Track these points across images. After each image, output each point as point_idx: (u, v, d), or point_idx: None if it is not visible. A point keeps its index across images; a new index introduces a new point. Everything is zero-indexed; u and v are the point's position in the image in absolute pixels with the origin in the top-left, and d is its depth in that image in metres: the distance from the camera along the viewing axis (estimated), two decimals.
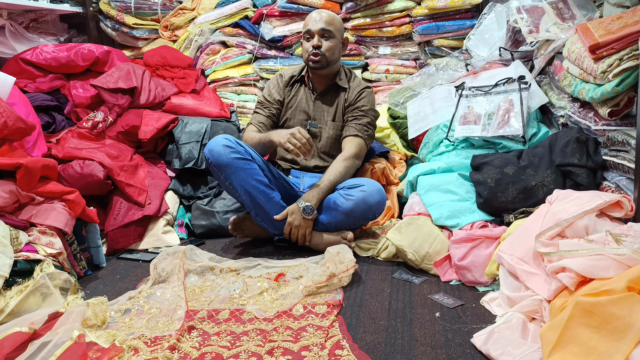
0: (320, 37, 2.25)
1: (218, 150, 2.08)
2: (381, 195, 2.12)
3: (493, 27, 2.73)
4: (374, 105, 2.39)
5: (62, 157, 2.31)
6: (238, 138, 2.35)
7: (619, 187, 1.71)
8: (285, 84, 2.42)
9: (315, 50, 2.24)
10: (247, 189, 2.09)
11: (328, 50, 2.25)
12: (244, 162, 2.09)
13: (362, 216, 2.11)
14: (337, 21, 2.30)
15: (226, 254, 2.09)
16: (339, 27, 2.30)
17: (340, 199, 2.10)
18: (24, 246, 1.76)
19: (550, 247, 1.45)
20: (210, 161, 2.11)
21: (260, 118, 2.37)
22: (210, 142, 2.12)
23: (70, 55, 2.66)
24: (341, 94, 2.37)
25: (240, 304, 1.71)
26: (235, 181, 2.10)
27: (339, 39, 2.29)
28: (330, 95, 2.38)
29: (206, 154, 2.12)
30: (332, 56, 2.28)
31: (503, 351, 1.30)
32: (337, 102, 2.37)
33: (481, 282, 1.76)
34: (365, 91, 2.36)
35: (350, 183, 2.14)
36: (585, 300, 1.17)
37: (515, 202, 1.86)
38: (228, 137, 2.12)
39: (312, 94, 2.38)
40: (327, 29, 2.24)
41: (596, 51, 1.73)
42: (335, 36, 2.27)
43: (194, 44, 3.28)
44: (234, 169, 2.08)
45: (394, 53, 3.18)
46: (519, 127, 2.06)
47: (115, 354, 1.40)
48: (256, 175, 2.10)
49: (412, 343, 1.43)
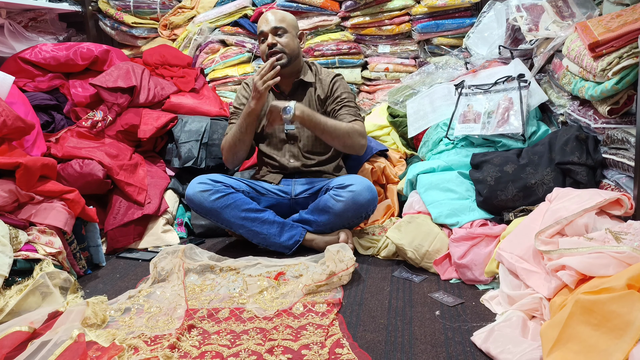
0: (274, 35, 2.20)
1: (197, 198, 2.10)
2: (371, 193, 2.08)
3: (492, 25, 2.73)
4: (349, 88, 2.33)
5: (61, 156, 2.31)
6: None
7: (618, 185, 1.71)
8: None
9: (272, 48, 2.18)
10: (239, 223, 2.10)
11: (285, 46, 2.19)
12: (226, 198, 2.09)
13: (354, 216, 2.10)
14: (289, 18, 2.26)
15: (226, 253, 2.09)
16: (291, 23, 2.25)
17: (330, 201, 2.07)
18: (23, 245, 1.76)
19: (550, 245, 1.45)
20: (194, 209, 2.15)
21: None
22: (188, 189, 2.13)
23: (69, 54, 2.66)
24: (310, 90, 2.30)
25: (240, 302, 1.71)
26: (225, 220, 2.11)
27: (294, 34, 2.24)
28: (299, 94, 2.30)
29: (188, 203, 2.15)
30: (291, 51, 2.21)
31: (503, 349, 1.30)
32: (309, 99, 2.29)
33: (481, 281, 1.76)
34: (338, 80, 2.30)
35: (339, 182, 2.10)
36: (585, 298, 1.17)
37: (515, 201, 1.86)
38: (202, 179, 2.12)
39: (281, 96, 2.30)
40: (278, 26, 2.19)
41: (596, 49, 1.73)
42: (289, 31, 2.22)
43: (193, 42, 3.28)
44: (219, 210, 2.09)
45: (394, 51, 3.18)
46: (519, 125, 2.06)
47: (115, 353, 1.40)
48: (243, 205, 2.10)
49: (412, 341, 1.43)
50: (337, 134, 2.12)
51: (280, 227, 2.12)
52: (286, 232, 2.11)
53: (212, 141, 2.63)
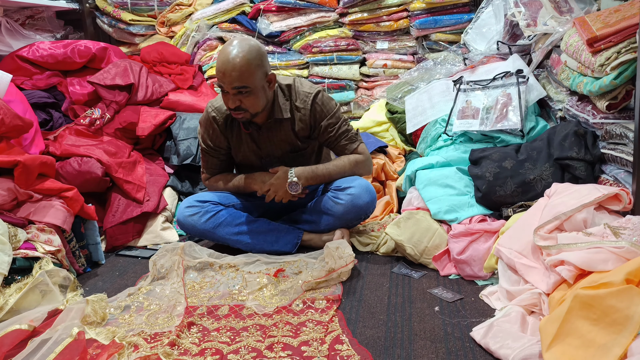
0: (235, 96, 1.88)
1: (189, 222, 2.09)
2: (370, 195, 2.05)
3: (491, 20, 2.72)
4: (333, 107, 2.06)
5: (59, 155, 2.30)
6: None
7: (617, 180, 1.71)
8: (223, 127, 2.08)
9: (235, 111, 1.92)
10: (234, 239, 2.09)
11: (250, 107, 1.91)
12: (216, 217, 2.08)
13: (354, 218, 2.09)
14: (253, 66, 1.85)
15: (225, 250, 2.09)
16: (256, 75, 1.86)
17: (329, 203, 2.06)
18: (22, 244, 1.75)
19: (548, 240, 1.45)
20: (188, 233, 2.16)
21: (213, 166, 2.17)
22: (177, 214, 2.12)
23: (67, 52, 2.65)
24: (285, 124, 2.05)
25: (240, 299, 1.71)
26: (220, 239, 2.11)
27: (259, 87, 1.89)
28: (275, 129, 2.06)
29: (180, 228, 2.15)
30: (257, 109, 1.93)
31: (502, 344, 1.30)
32: (287, 134, 2.07)
33: (480, 276, 1.76)
34: (318, 104, 2.03)
35: (338, 184, 2.07)
36: (584, 293, 1.17)
37: (513, 196, 1.86)
38: (189, 203, 2.10)
39: (255, 132, 2.07)
40: (239, 86, 1.84)
41: (594, 44, 1.73)
42: (253, 88, 1.87)
43: (191, 40, 3.27)
44: (212, 230, 2.09)
45: (392, 48, 3.18)
46: (517, 121, 2.06)
47: (115, 350, 1.40)
48: (235, 221, 2.09)
49: (411, 337, 1.43)
50: (345, 174, 2.07)
51: (276, 235, 2.10)
52: (283, 238, 2.10)
53: None
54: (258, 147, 2.11)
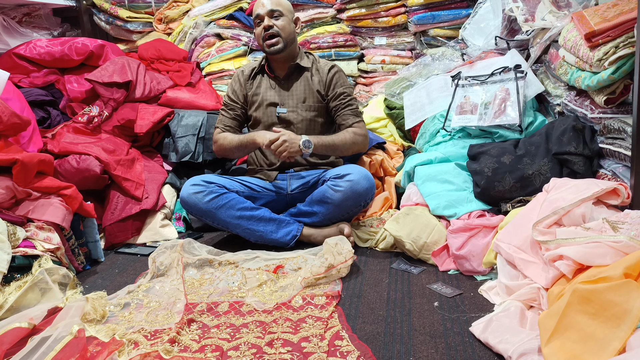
0: (270, 17, 2.20)
1: (192, 200, 2.10)
2: (369, 181, 2.09)
3: (489, 16, 2.72)
4: (348, 82, 2.35)
5: (58, 152, 2.30)
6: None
7: (615, 174, 1.71)
8: (246, 78, 2.34)
9: (268, 31, 2.19)
10: (235, 222, 2.10)
11: (281, 29, 2.19)
12: (220, 198, 2.09)
13: (354, 205, 2.11)
14: (285, 2, 2.26)
15: (224, 247, 2.09)
16: (287, 7, 2.25)
17: (329, 191, 2.08)
18: (21, 242, 1.75)
19: (547, 235, 1.46)
20: (189, 211, 2.16)
21: (226, 121, 2.32)
22: (182, 192, 2.14)
23: (64, 50, 2.64)
24: (305, 74, 2.29)
25: (240, 296, 1.71)
26: (220, 221, 2.11)
27: (290, 18, 2.24)
28: (294, 79, 2.30)
29: (183, 205, 2.16)
30: (287, 34, 2.21)
31: (501, 339, 1.31)
32: (305, 84, 2.28)
33: (479, 271, 1.77)
34: (337, 72, 2.30)
35: (336, 172, 2.11)
36: (583, 288, 1.17)
37: (512, 191, 1.87)
38: (194, 181, 2.13)
39: (276, 80, 2.31)
40: (275, 9, 2.20)
41: (592, 39, 1.73)
42: (285, 14, 2.22)
43: (189, 36, 3.26)
44: (213, 211, 2.09)
45: (390, 43, 3.17)
46: (516, 116, 2.06)
47: (115, 347, 1.40)
48: (238, 205, 2.10)
49: (411, 332, 1.44)
50: (346, 147, 2.20)
51: (276, 225, 2.12)
52: (283, 228, 2.11)
53: (209, 135, 2.62)
54: (277, 95, 2.28)
